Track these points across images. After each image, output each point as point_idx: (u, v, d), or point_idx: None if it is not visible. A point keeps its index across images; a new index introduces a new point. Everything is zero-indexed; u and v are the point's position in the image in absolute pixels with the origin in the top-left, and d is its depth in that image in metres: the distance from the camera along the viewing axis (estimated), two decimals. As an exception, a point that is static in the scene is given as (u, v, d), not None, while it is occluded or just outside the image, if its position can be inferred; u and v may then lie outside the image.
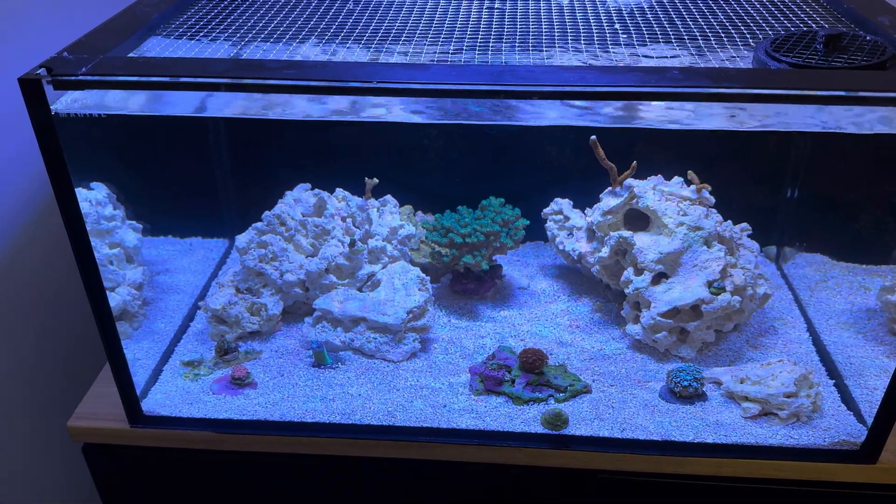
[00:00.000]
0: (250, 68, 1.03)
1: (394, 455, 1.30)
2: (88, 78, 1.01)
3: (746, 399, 1.30)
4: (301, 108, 1.16)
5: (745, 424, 1.28)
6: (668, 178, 1.51)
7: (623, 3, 1.34)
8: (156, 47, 1.18)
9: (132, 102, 1.17)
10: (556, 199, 1.65)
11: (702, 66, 1.08)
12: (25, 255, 1.49)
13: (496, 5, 1.34)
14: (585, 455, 1.27)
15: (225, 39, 1.20)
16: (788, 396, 1.27)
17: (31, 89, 0.99)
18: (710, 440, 1.26)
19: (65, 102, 1.08)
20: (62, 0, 1.51)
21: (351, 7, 1.33)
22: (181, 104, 1.17)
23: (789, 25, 1.22)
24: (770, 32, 1.19)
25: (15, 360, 1.48)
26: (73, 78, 1.00)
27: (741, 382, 1.32)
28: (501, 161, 1.69)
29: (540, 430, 1.28)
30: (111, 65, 1.03)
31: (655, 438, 1.26)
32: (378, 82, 0.98)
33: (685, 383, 1.31)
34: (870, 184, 1.61)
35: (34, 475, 1.56)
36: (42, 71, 1.00)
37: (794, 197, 1.68)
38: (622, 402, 1.33)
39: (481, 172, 1.72)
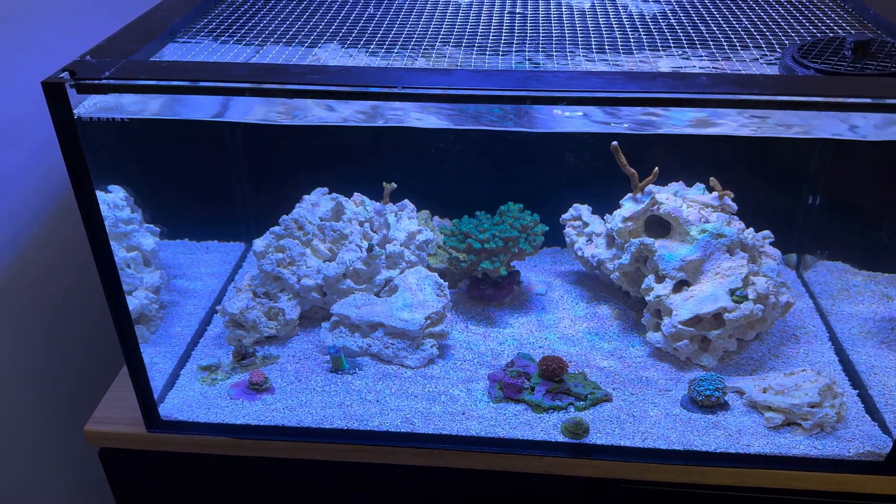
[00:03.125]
0: (274, 73, 1.02)
1: (411, 462, 1.30)
2: (112, 82, 1.00)
3: (769, 409, 1.29)
4: (320, 112, 1.15)
5: (768, 434, 1.27)
6: (689, 184, 1.50)
7: (646, 8, 1.33)
8: (176, 52, 1.17)
9: (153, 106, 1.17)
10: (574, 205, 1.64)
11: (729, 72, 1.07)
12: (35, 259, 1.48)
13: (517, 10, 1.33)
14: (606, 464, 1.25)
15: (245, 45, 1.20)
16: (813, 406, 1.26)
17: (55, 93, 0.99)
18: (732, 450, 1.24)
19: (86, 106, 1.08)
20: (77, 4, 1.51)
21: (371, 12, 1.33)
22: (202, 108, 1.17)
23: (815, 31, 1.20)
24: (796, 38, 1.18)
25: (23, 363, 1.48)
26: (96, 82, 1.00)
27: (764, 392, 1.30)
28: (520, 166, 1.68)
29: (560, 438, 1.27)
30: (134, 69, 1.03)
31: (677, 448, 1.25)
32: (402, 87, 0.97)
33: (707, 392, 1.30)
34: (892, 191, 1.59)
35: (42, 478, 1.56)
36: (65, 74, 1.00)
37: (814, 204, 1.66)
38: (643, 410, 1.32)
39: (500, 177, 1.71)
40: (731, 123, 1.09)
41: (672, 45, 1.17)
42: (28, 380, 1.49)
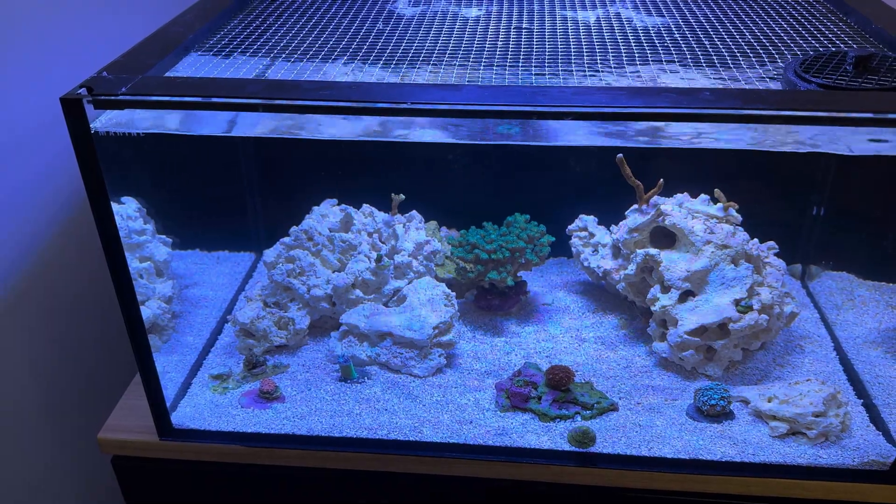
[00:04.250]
0: (287, 89, 1.05)
1: (420, 470, 1.31)
2: (128, 98, 1.02)
3: (774, 418, 1.30)
4: (331, 127, 1.18)
5: (773, 443, 1.28)
6: (694, 195, 1.52)
7: (650, 22, 1.35)
8: (191, 67, 1.20)
9: (167, 121, 1.19)
10: (580, 216, 1.66)
11: (732, 87, 1.09)
12: (49, 270, 1.51)
13: (524, 25, 1.36)
14: (612, 473, 1.27)
15: (259, 59, 1.22)
16: (817, 416, 1.27)
17: (73, 108, 1.01)
18: (737, 459, 1.25)
19: (102, 121, 1.10)
20: (90, 20, 1.54)
21: (380, 28, 1.35)
22: (216, 123, 1.19)
23: (817, 46, 1.22)
24: (798, 53, 1.19)
25: (37, 372, 1.50)
26: (113, 98, 1.02)
27: (769, 401, 1.31)
28: (526, 177, 1.70)
29: (567, 447, 1.28)
30: (150, 85, 1.05)
31: (683, 457, 1.26)
32: (412, 103, 0.99)
33: (712, 402, 1.31)
34: (896, 201, 1.60)
35: (55, 486, 1.58)
36: (83, 90, 1.02)
37: (819, 214, 1.68)
38: (649, 420, 1.33)
39: (507, 188, 1.73)
40: (737, 137, 1.11)
41: (676, 60, 1.19)
42: (42, 388, 1.51)
